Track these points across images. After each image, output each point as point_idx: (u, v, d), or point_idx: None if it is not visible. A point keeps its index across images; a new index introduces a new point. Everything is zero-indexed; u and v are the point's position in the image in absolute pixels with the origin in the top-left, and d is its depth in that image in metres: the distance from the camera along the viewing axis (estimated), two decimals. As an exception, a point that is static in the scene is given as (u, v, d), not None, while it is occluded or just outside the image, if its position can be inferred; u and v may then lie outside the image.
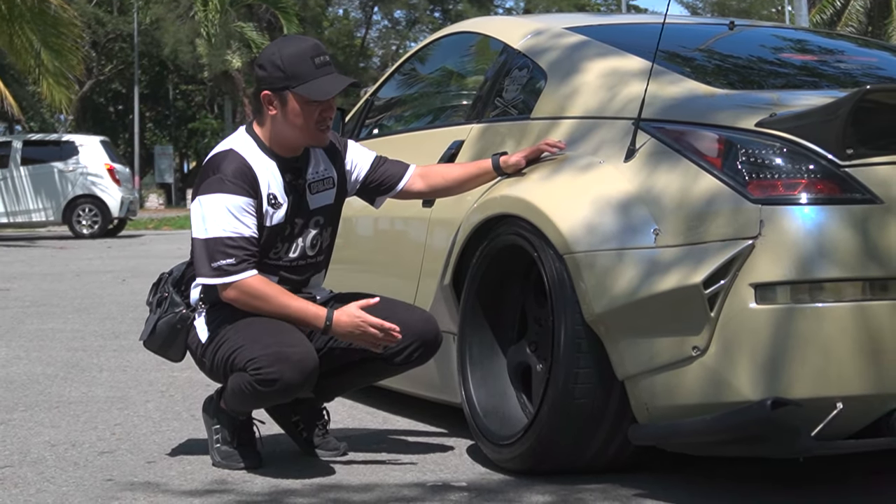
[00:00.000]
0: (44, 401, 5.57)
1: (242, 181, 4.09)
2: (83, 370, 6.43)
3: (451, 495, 3.83)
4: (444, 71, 5.58)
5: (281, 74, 4.11)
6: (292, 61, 4.10)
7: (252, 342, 4.04)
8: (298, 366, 3.99)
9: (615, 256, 3.74)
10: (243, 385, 4.05)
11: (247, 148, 4.17)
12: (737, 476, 4.06)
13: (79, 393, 5.79)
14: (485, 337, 4.31)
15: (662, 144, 3.83)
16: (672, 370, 3.62)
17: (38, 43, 23.98)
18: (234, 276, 4.06)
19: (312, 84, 4.09)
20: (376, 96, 5.80)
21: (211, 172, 4.12)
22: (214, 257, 4.05)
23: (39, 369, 6.53)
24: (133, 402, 5.51)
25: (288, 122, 4.14)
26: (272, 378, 3.98)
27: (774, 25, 5.35)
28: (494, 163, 4.33)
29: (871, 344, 3.45)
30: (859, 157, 3.55)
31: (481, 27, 5.21)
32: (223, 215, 4.06)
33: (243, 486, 3.98)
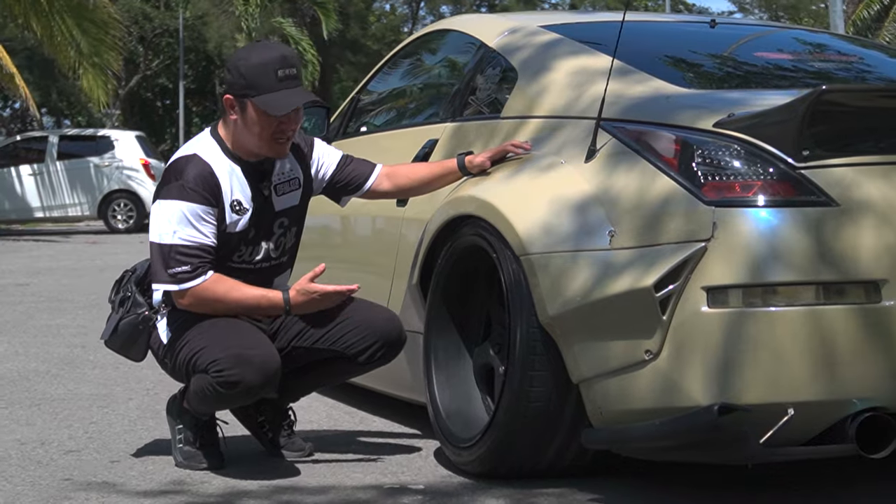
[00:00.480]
0: (27, 398, 5.57)
1: (203, 189, 4.05)
2: (76, 367, 6.43)
3: (405, 498, 3.80)
4: (425, 69, 5.54)
5: (242, 82, 4.06)
6: (255, 70, 4.05)
7: (213, 344, 4.01)
8: (260, 368, 3.97)
9: (570, 258, 3.69)
10: (205, 387, 4.03)
11: (211, 153, 4.13)
12: (696, 483, 4.00)
13: (64, 390, 5.78)
14: (450, 338, 4.27)
15: (623, 145, 3.78)
16: (625, 374, 3.57)
17: (78, 37, 24.08)
18: (187, 283, 4.03)
19: (270, 97, 4.04)
20: (362, 94, 5.77)
21: (172, 178, 4.08)
22: (170, 264, 4.03)
23: (33, 366, 6.54)
24: (115, 400, 5.50)
25: (247, 129, 4.10)
26: (234, 380, 3.96)
27: (759, 23, 5.27)
28: (460, 162, 4.28)
29: (824, 349, 3.38)
30: (816, 159, 3.49)
31: (460, 25, 5.17)
32: (181, 222, 4.02)
33: (199, 488, 3.96)
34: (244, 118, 4.09)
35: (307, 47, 31.53)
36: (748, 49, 4.60)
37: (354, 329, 4.20)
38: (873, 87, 3.94)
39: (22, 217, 25.83)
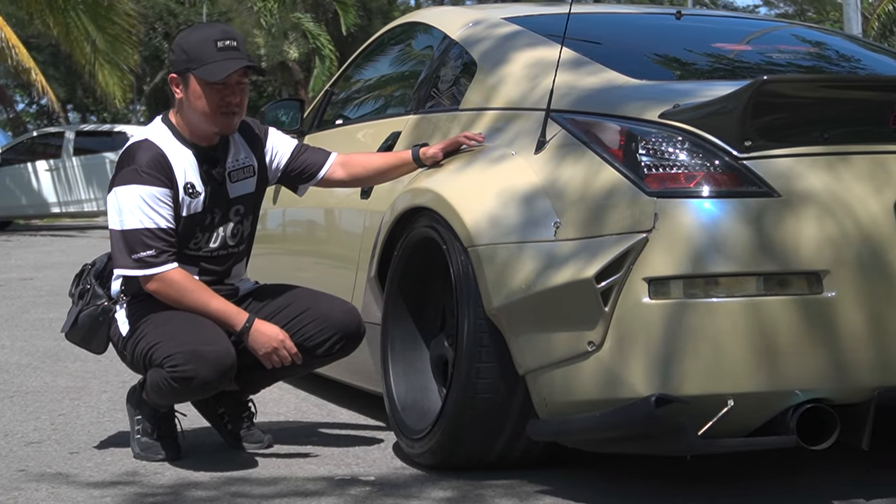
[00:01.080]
0: (2, 390, 5.60)
1: (157, 171, 4.07)
2: (58, 360, 6.46)
3: (353, 489, 3.80)
4: (394, 62, 5.54)
5: (184, 57, 4.10)
6: (195, 45, 4.10)
7: (169, 339, 4.02)
8: (214, 364, 3.98)
9: (516, 249, 3.68)
10: (160, 381, 4.04)
11: (162, 137, 4.15)
12: (646, 473, 3.99)
13: (41, 383, 5.81)
14: (407, 330, 4.27)
15: (571, 136, 3.77)
16: (569, 365, 3.56)
17: (93, 33, 24.15)
18: (156, 268, 4.05)
19: (210, 66, 4.07)
20: (335, 87, 5.78)
21: (126, 163, 4.11)
22: (134, 249, 4.04)
23: (15, 359, 6.57)
24: (89, 393, 5.52)
25: (192, 107, 4.12)
26: (188, 376, 3.97)
27: (726, 15, 5.25)
28: (414, 154, 4.29)
29: (765, 340, 3.37)
30: (758, 150, 3.48)
31: (427, 17, 5.16)
32: (139, 207, 4.04)
33: (151, 479, 3.97)
34: (188, 94, 4.12)
35: (325, 42, 31.53)
36: (708, 40, 4.58)
37: (313, 322, 4.20)
38: (816, 78, 3.92)
39: (39, 212, 25.94)
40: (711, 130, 3.50)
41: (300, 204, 5.35)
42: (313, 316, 4.21)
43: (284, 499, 3.70)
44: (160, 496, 3.76)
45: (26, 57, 23.05)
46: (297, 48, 33.44)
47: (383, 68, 5.62)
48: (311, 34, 31.89)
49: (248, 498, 3.72)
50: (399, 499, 3.69)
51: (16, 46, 22.34)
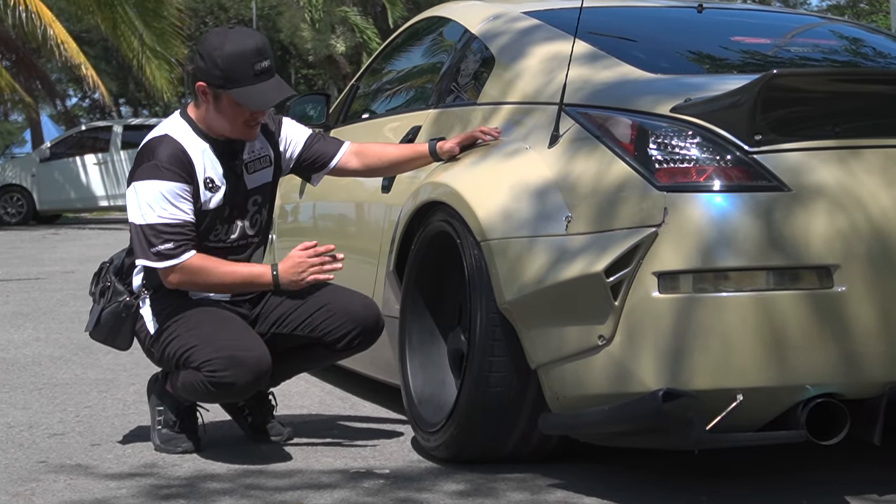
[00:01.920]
0: (32, 382, 5.66)
1: (177, 167, 4.10)
2: (90, 353, 6.51)
3: (367, 482, 3.82)
4: (416, 56, 5.55)
5: (218, 73, 4.08)
6: (231, 63, 4.06)
7: (205, 343, 4.06)
8: (253, 369, 4.03)
9: (527, 243, 3.69)
10: (196, 383, 4.07)
11: (181, 132, 4.17)
12: (661, 468, 3.99)
13: (71, 375, 5.87)
14: (424, 324, 4.29)
15: (585, 130, 3.78)
16: (580, 359, 3.57)
17: (140, 27, 24.30)
18: (175, 259, 4.08)
19: (247, 90, 4.07)
20: (360, 82, 5.80)
21: (146, 158, 4.14)
22: (153, 242, 4.07)
23: (49, 351, 6.64)
24: (117, 385, 5.58)
25: (218, 116, 4.14)
26: (227, 382, 4.01)
27: (750, 9, 5.23)
28: (431, 148, 4.31)
29: (775, 335, 3.36)
30: (768, 144, 3.47)
31: (448, 12, 5.17)
32: (160, 201, 4.07)
33: (168, 471, 4.01)
34: (217, 106, 4.13)
35: (372, 36, 31.52)
36: (728, 34, 4.57)
37: (333, 316, 4.23)
38: (826, 71, 3.90)
39: (87, 206, 26.19)
40: (722, 124, 3.49)
41: (324, 198, 5.39)
42: (332, 310, 4.23)
43: (297, 491, 3.73)
44: (176, 488, 3.79)
45: (76, 52, 23.22)
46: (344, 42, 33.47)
47: (406, 63, 5.64)
48: (358, 28, 31.89)
49: (262, 490, 3.75)
50: (411, 492, 3.71)
51: (65, 42, 22.51)
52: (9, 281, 11.13)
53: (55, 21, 22.29)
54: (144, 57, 24.44)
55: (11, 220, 25.43)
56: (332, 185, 5.02)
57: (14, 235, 20.57)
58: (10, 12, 20.98)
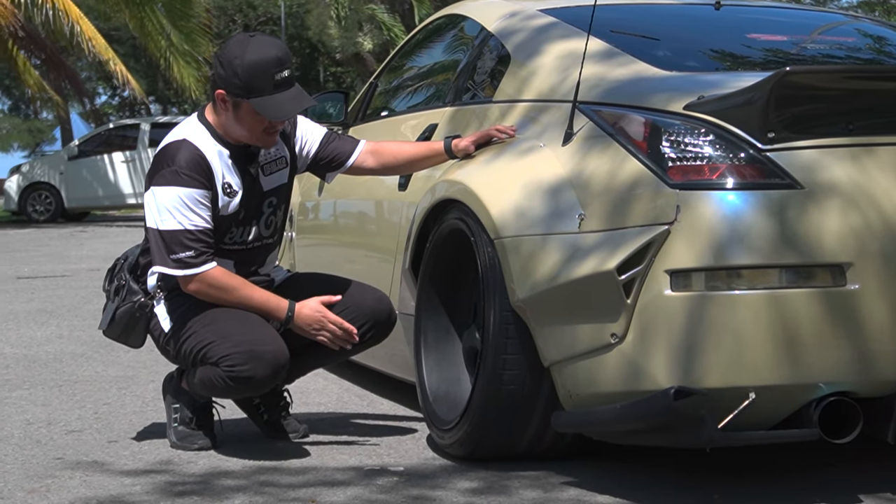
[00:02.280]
0: (52, 379, 5.69)
1: (197, 173, 4.10)
2: (111, 350, 6.54)
3: (380, 479, 3.83)
4: (434, 54, 5.56)
5: (237, 82, 4.06)
6: (252, 73, 4.05)
7: (223, 338, 4.07)
8: (271, 363, 4.03)
9: (540, 241, 3.69)
10: (215, 379, 4.09)
11: (200, 137, 4.16)
12: (674, 466, 3.98)
13: (91, 372, 5.90)
14: (440, 321, 4.29)
15: (598, 128, 3.77)
16: (592, 357, 3.57)
17: (168, 26, 24.39)
18: (196, 268, 4.08)
19: (267, 100, 4.06)
20: (379, 80, 5.81)
21: (165, 163, 4.12)
22: (173, 249, 4.07)
23: (71, 348, 6.67)
24: (136, 382, 5.60)
25: (238, 123, 4.14)
26: (246, 376, 4.02)
27: (769, 6, 5.20)
28: (446, 145, 4.31)
29: (787, 333, 3.36)
30: (781, 141, 3.46)
31: (465, 9, 5.18)
32: (179, 208, 4.07)
33: (183, 468, 4.02)
34: (237, 114, 4.12)
35: (399, 33, 31.46)
36: (744, 31, 4.55)
37: (345, 310, 4.24)
38: (839, 69, 3.89)
39: (115, 203, 26.33)
40: (735, 122, 3.49)
41: (343, 195, 5.41)
42: (345, 304, 4.24)
43: (311, 488, 3.74)
44: (190, 485, 3.81)
45: (104, 48, 23.30)
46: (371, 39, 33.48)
47: (424, 60, 5.64)
48: (386, 25, 31.90)
49: (275, 487, 3.76)
50: (424, 489, 3.71)
51: (93, 38, 22.60)
52: (34, 278, 11.19)
53: (83, 18, 22.39)
54: (172, 56, 24.53)
55: (40, 218, 25.59)
56: (351, 183, 5.03)
57: (42, 233, 20.68)
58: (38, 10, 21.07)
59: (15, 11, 20.70)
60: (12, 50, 23.17)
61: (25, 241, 18.16)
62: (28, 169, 26.76)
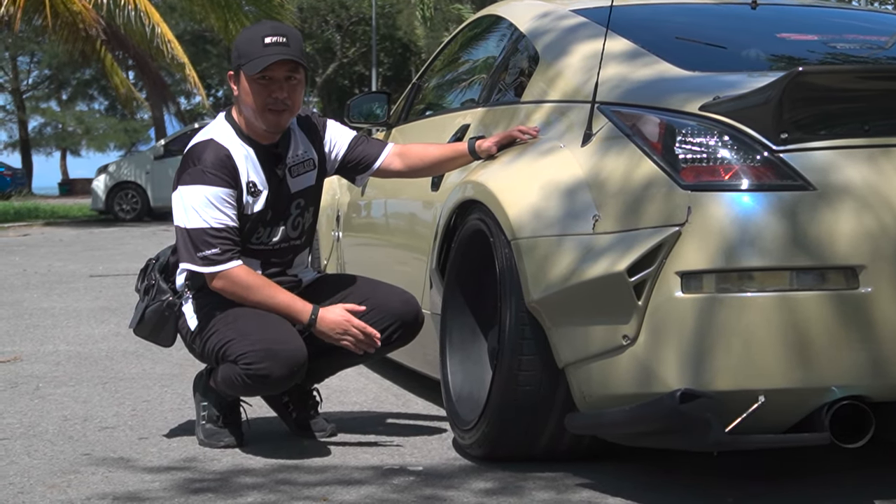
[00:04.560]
0: (99, 377, 5.77)
1: (223, 172, 4.15)
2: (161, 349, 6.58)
3: (396, 479, 3.84)
4: (471, 54, 5.57)
5: (236, 54, 4.22)
6: (245, 42, 4.20)
7: (242, 336, 4.11)
8: (288, 362, 4.07)
9: (556, 242, 3.68)
10: (234, 377, 4.13)
11: (226, 136, 4.22)
12: (690, 468, 3.95)
13: (139, 370, 5.97)
14: (465, 321, 4.29)
15: (616, 129, 3.76)
16: (605, 359, 3.55)
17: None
18: (221, 265, 4.13)
19: (255, 61, 4.15)
20: (422, 80, 5.83)
21: (191, 163, 4.18)
22: (199, 247, 4.12)
23: (124, 346, 6.76)
24: (181, 380, 5.66)
25: (244, 103, 4.21)
26: (262, 374, 4.06)
27: (807, 5, 5.14)
28: (470, 146, 4.32)
29: (798, 336, 3.31)
30: (794, 142, 3.42)
31: (501, 10, 5.18)
32: (205, 206, 4.12)
33: (206, 465, 4.06)
34: (240, 91, 4.22)
35: (483, 33, 31.61)
36: (775, 30, 4.50)
37: (373, 311, 4.26)
38: (853, 69, 3.83)
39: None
40: (748, 122, 3.45)
41: (383, 196, 5.43)
42: (372, 305, 4.26)
43: (326, 487, 3.76)
44: (209, 482, 3.84)
45: (181, 52, 23.55)
46: (456, 39, 33.60)
47: (463, 61, 5.66)
48: (470, 25, 31.96)
49: (291, 485, 3.78)
50: (438, 489, 3.72)
51: (171, 41, 22.85)
52: (106, 276, 11.34)
53: (161, 21, 22.63)
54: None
55: (126, 217, 25.94)
56: (387, 183, 5.06)
57: (125, 231, 20.97)
58: (120, 12, 21.35)
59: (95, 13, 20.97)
60: (100, 50, 23.47)
61: (108, 239, 18.43)
62: (115, 168, 27.15)
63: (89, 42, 22.37)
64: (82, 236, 19.64)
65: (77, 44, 21.99)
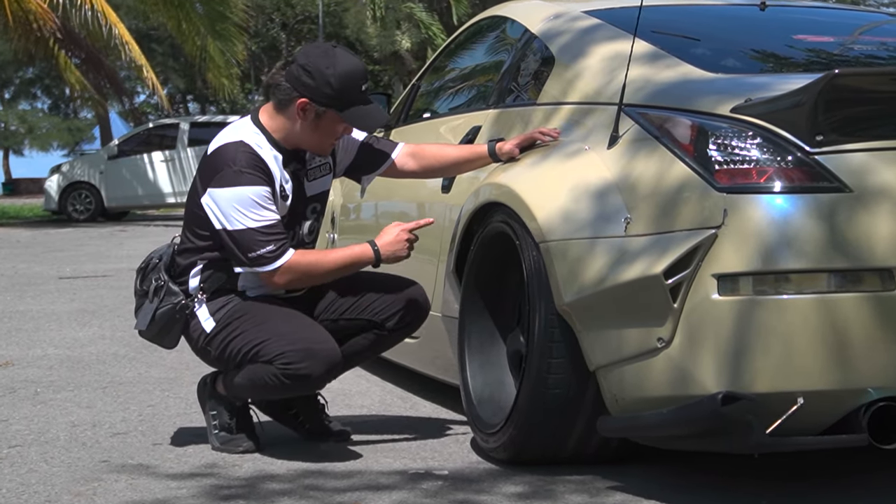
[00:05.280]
0: (97, 381, 5.71)
1: (260, 172, 4.11)
2: (154, 351, 6.51)
3: (425, 483, 3.82)
4: (477, 56, 5.55)
5: (330, 92, 4.09)
6: (344, 83, 4.09)
7: (278, 336, 4.08)
8: (327, 361, 4.06)
9: (587, 245, 3.67)
10: (268, 377, 4.09)
11: (256, 141, 4.16)
12: (722, 472, 3.96)
13: (135, 374, 5.92)
14: (484, 324, 4.28)
15: (644, 131, 3.75)
16: (639, 361, 3.55)
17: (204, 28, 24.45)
18: (279, 260, 4.09)
19: (358, 111, 4.14)
20: (422, 81, 5.80)
21: (226, 164, 4.11)
22: (252, 248, 4.07)
23: (114, 349, 6.70)
24: (180, 384, 5.62)
25: (311, 132, 4.16)
26: (303, 373, 4.04)
27: (813, 6, 5.17)
28: (490, 148, 4.31)
29: (836, 338, 3.32)
30: (829, 144, 3.42)
31: (509, 11, 5.17)
32: (251, 206, 4.07)
33: (229, 471, 4.02)
34: (317, 123, 4.14)
35: (437, 32, 31.53)
36: (790, 32, 4.52)
37: (380, 297, 4.31)
38: (889, 71, 3.84)
39: (154, 202, 26.45)
40: (782, 125, 3.46)
41: (386, 197, 5.40)
42: (380, 292, 4.31)
43: (356, 492, 3.73)
44: (236, 488, 3.81)
45: (139, 54, 23.42)
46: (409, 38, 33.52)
47: (467, 62, 5.64)
48: (424, 24, 31.92)
49: (321, 491, 3.76)
50: (470, 494, 3.71)
51: (129, 43, 22.71)
52: (76, 279, 11.24)
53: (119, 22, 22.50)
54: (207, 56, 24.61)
55: (80, 217, 25.74)
56: (394, 185, 5.03)
57: (82, 232, 20.79)
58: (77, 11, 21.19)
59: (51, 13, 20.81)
60: (53, 48, 23.27)
61: (66, 240, 18.26)
62: (68, 168, 26.93)
63: (42, 41, 22.19)
64: (39, 237, 19.46)
65: (30, 43, 21.80)
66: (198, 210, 4.18)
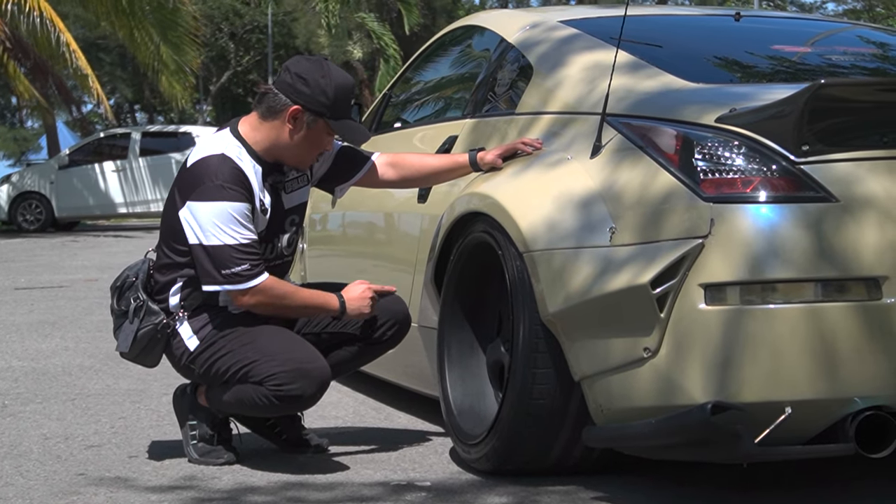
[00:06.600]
0: (64, 393, 5.65)
1: (241, 187, 4.06)
2: (120, 362, 6.42)
3: (409, 495, 3.80)
4: (451, 65, 5.53)
5: (325, 100, 4.08)
6: (339, 94, 4.10)
7: (267, 357, 4.04)
8: (318, 380, 4.04)
9: (572, 255, 3.67)
10: (257, 398, 4.05)
11: (237, 153, 4.11)
12: (705, 481, 3.96)
13: (102, 385, 5.86)
14: (464, 335, 4.26)
15: (627, 141, 3.75)
16: (625, 372, 3.54)
17: (157, 36, 24.35)
18: (252, 280, 4.04)
19: (349, 124, 4.16)
20: (393, 91, 5.78)
21: (207, 178, 4.06)
22: (226, 265, 4.01)
23: (78, 361, 6.63)
24: (149, 396, 5.56)
25: (297, 142, 4.13)
26: (295, 394, 4.01)
27: (786, 16, 5.20)
28: (471, 158, 4.29)
29: (823, 347, 3.33)
30: (816, 154, 3.44)
31: (484, 21, 5.15)
32: (228, 222, 4.02)
33: (209, 484, 3.98)
34: (307, 132, 4.12)
35: (389, 42, 31.54)
36: (768, 42, 4.54)
37: None
38: (874, 81, 3.87)
39: (106, 213, 26.25)
40: (768, 135, 3.46)
41: (356, 207, 5.38)
42: None
43: (340, 504, 3.71)
44: (218, 501, 3.77)
45: (85, 63, 23.27)
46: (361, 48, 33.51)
47: (441, 72, 5.62)
48: (375, 34, 31.89)
49: (303, 503, 3.72)
50: (455, 504, 3.69)
51: (75, 51, 22.55)
52: (32, 289, 11.13)
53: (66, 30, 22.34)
54: (160, 65, 24.50)
55: (30, 228, 25.50)
56: (364, 195, 5.00)
57: (34, 243, 20.59)
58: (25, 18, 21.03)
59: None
60: (2, 56, 23.08)
61: (17, 251, 18.08)
62: (18, 178, 26.68)
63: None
64: (-11, 248, 19.28)
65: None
66: (176, 224, 4.12)
